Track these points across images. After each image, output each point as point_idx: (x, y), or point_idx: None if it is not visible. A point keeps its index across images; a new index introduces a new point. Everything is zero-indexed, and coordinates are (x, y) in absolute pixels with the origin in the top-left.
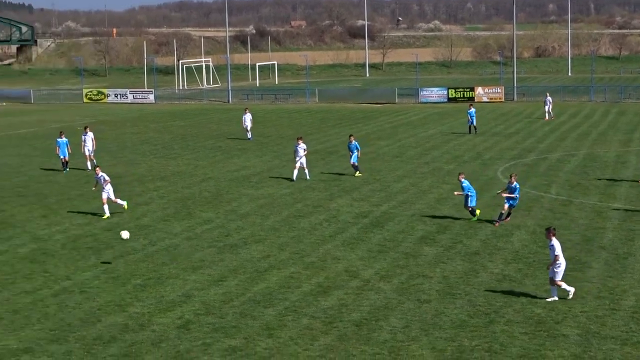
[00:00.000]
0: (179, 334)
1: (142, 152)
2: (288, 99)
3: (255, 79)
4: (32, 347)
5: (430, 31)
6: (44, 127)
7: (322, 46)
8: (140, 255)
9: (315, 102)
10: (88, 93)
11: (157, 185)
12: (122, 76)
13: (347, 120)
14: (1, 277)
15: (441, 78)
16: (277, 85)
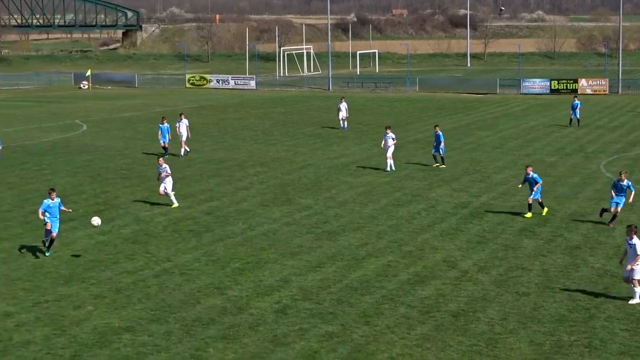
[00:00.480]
0: (277, 318)
1: (243, 137)
2: (388, 87)
3: (355, 67)
4: (133, 326)
5: (534, 21)
6: (147, 111)
7: (423, 35)
8: (239, 239)
9: (415, 91)
10: (191, 78)
11: (257, 170)
12: (224, 62)
13: (447, 110)
14: (104, 256)
15: (543, 69)
16: (378, 74)
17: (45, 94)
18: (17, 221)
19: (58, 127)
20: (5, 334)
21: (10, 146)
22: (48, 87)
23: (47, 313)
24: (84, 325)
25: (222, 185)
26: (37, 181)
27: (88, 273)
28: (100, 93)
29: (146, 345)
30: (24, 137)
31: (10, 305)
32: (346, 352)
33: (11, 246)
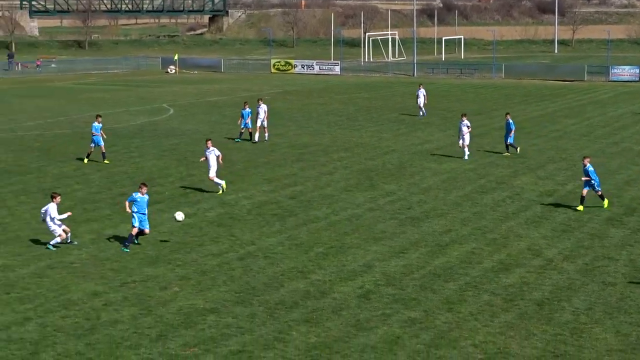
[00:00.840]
0: (359, 303)
1: (327, 122)
2: (474, 73)
3: (440, 53)
4: (218, 308)
5: (624, 7)
6: (233, 95)
7: (510, 21)
8: (323, 223)
9: (501, 78)
10: (276, 63)
11: (341, 155)
12: (309, 47)
13: (533, 97)
14: (190, 239)
15: (633, 56)
16: (463, 60)
17: (133, 78)
18: (106, 203)
19: (146, 110)
20: (94, 313)
21: None
22: (136, 71)
23: (134, 293)
24: (169, 306)
25: (306, 170)
26: (125, 164)
27: (174, 255)
28: (187, 77)
29: (230, 326)
30: (113, 120)
31: (99, 285)
32: (429, 338)
33: (99, 227)
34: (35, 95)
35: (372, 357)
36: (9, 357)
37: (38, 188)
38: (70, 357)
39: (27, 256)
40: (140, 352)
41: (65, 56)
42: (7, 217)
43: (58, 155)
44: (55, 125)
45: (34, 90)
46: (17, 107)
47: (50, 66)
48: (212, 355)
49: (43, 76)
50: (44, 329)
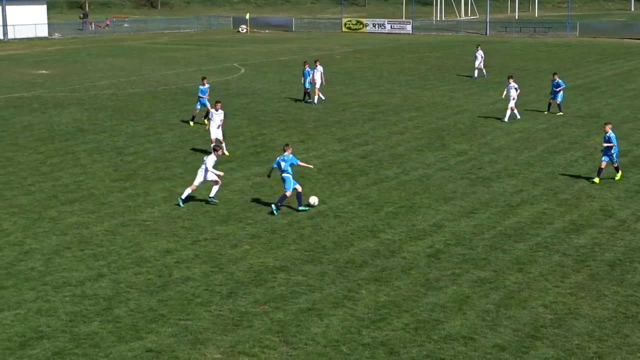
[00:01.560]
0: (429, 263)
1: (398, 82)
2: (547, 32)
3: (514, 11)
4: (287, 266)
5: None
6: (304, 54)
7: None
8: (393, 183)
9: (575, 37)
10: (347, 22)
11: (412, 115)
12: (380, 6)
13: (608, 56)
14: (261, 198)
15: None
16: (537, 18)
17: (204, 37)
18: (178, 161)
19: (217, 70)
20: (166, 270)
21: (171, 88)
22: (208, 30)
23: (206, 251)
24: (240, 264)
25: (377, 129)
26: (197, 123)
27: (245, 213)
28: (258, 37)
29: (300, 284)
30: (185, 79)
31: (171, 242)
32: (498, 298)
33: (171, 185)
34: (108, 55)
35: (442, 316)
36: (83, 312)
37: (111, 147)
38: (143, 313)
39: (101, 214)
40: (212, 308)
41: (138, 16)
42: (81, 175)
43: (131, 114)
44: (129, 85)
45: (107, 50)
46: (91, 67)
47: (123, 26)
48: (282, 312)
49: (116, 36)
50: (117, 285)
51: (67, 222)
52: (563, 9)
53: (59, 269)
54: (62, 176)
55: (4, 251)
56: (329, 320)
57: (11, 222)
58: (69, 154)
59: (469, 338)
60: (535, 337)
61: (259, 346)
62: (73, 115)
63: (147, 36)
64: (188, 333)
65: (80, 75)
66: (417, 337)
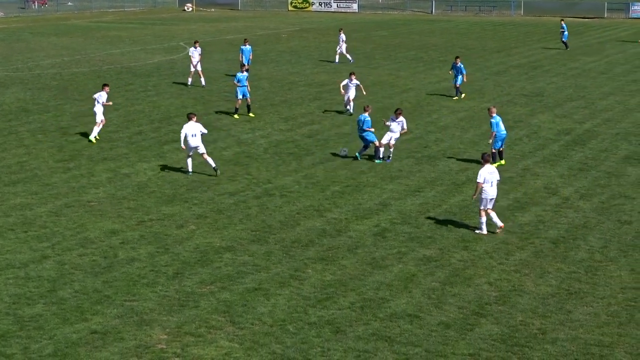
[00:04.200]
0: (375, 241)
1: (344, 61)
2: (492, 11)
3: None
4: (234, 246)
5: None
6: (250, 33)
7: None
8: (339, 162)
9: (520, 15)
10: (293, 1)
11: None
12: None
13: (552, 35)
14: (206, 178)
15: None
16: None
17: (150, 16)
18: (123, 142)
19: (162, 49)
20: (111, 251)
21: (116, 67)
22: (153, 9)
23: (151, 231)
24: (186, 244)
25: (323, 108)
26: (142, 102)
27: (191, 193)
28: (203, 15)
29: (246, 264)
30: (130, 59)
31: (116, 223)
32: (444, 276)
33: (116, 166)
34: (52, 34)
35: (387, 294)
36: (27, 294)
37: (56, 127)
38: (88, 295)
39: (45, 195)
40: (157, 289)
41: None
42: (25, 155)
43: (75, 94)
44: (73, 64)
45: (51, 29)
46: (34, 46)
47: (67, 4)
48: (229, 292)
49: (60, 14)
50: (61, 267)
51: (10, 203)
52: None
53: (1, 250)
54: (5, 157)
55: None
56: (275, 299)
57: None
58: (12, 134)
59: (415, 316)
60: (480, 314)
61: (205, 326)
62: (16, 95)
63: (91, 15)
64: (134, 314)
65: (24, 55)
66: (363, 315)
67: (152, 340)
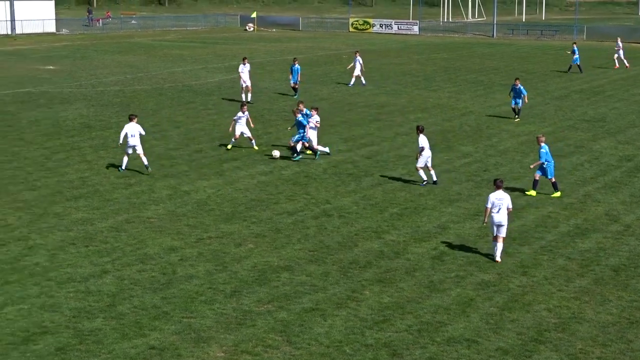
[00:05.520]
0: (433, 265)
1: (404, 83)
2: (554, 35)
3: (521, 14)
4: (291, 266)
5: None
6: (310, 54)
7: None
8: (398, 184)
9: (582, 40)
10: (354, 22)
11: (418, 116)
12: (388, 7)
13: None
14: (265, 197)
15: None
16: (544, 21)
17: (211, 35)
18: (183, 159)
19: (223, 67)
20: (170, 268)
21: (178, 86)
22: (215, 28)
23: (210, 249)
24: (244, 263)
25: (383, 130)
26: (203, 120)
27: (249, 212)
28: (264, 35)
29: (304, 284)
30: (191, 77)
31: (175, 240)
32: (502, 301)
33: (176, 183)
34: (115, 51)
35: (445, 318)
36: (87, 308)
37: (117, 143)
38: (147, 310)
39: (106, 210)
40: (215, 307)
41: (145, 12)
42: (87, 171)
43: (137, 111)
44: (135, 81)
45: (115, 46)
46: (98, 63)
47: (131, 22)
48: (285, 312)
49: (123, 32)
50: (121, 282)
51: (72, 218)
52: (570, 12)
53: (63, 264)
54: (68, 172)
55: (8, 246)
56: (332, 320)
57: (16, 217)
58: (75, 149)
59: (472, 341)
60: (538, 341)
61: (262, 345)
62: (80, 111)
63: (154, 33)
64: (191, 331)
65: (87, 72)
66: (420, 339)
67: (209, 358)
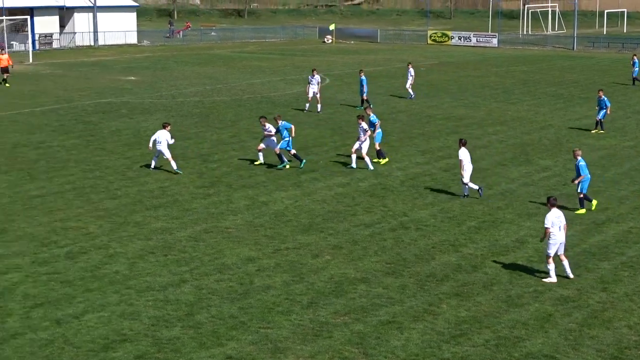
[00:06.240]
0: (511, 279)
1: (483, 95)
2: (636, 48)
3: (602, 27)
4: (368, 278)
5: None
6: (388, 66)
7: None
8: (475, 197)
9: None
10: (432, 35)
11: (496, 129)
12: (466, 19)
13: None
14: (343, 208)
15: None
16: (625, 34)
17: (290, 47)
18: (261, 170)
19: (302, 79)
20: (247, 278)
21: (256, 97)
22: (293, 40)
23: (287, 260)
24: (321, 274)
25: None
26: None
27: (327, 223)
28: (343, 47)
29: (380, 297)
30: (270, 88)
31: (253, 250)
32: (581, 317)
33: (254, 194)
34: (195, 63)
35: (523, 333)
36: (165, 317)
37: (196, 153)
38: (224, 320)
39: (185, 220)
40: (292, 318)
41: (225, 25)
42: (166, 181)
43: (216, 122)
44: (214, 92)
45: (194, 58)
46: (178, 74)
47: (211, 34)
48: (362, 324)
49: (203, 44)
50: (199, 291)
51: (151, 227)
52: None
53: (142, 273)
54: (148, 181)
55: (89, 254)
56: (409, 333)
57: (97, 226)
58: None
59: (551, 357)
60: (618, 358)
61: (339, 357)
62: (160, 122)
63: (233, 45)
64: (268, 341)
65: (168, 82)
66: (498, 354)
67: None
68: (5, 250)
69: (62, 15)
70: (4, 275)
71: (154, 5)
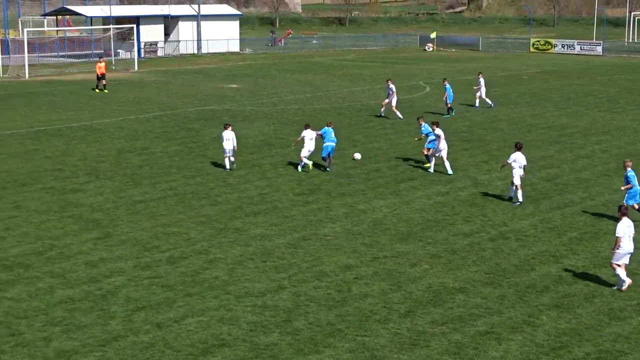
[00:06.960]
0: (613, 291)
1: (587, 104)
2: None
3: None
4: (467, 288)
5: None
6: (490, 74)
7: None
8: (577, 208)
9: None
10: (535, 42)
11: (600, 139)
12: (570, 27)
13: None
14: (441, 217)
15: None
16: None
17: (391, 55)
18: (360, 178)
19: (402, 87)
20: (345, 286)
21: (356, 105)
22: (394, 48)
23: (385, 268)
24: (419, 283)
25: (563, 152)
26: (380, 140)
27: (425, 232)
28: (444, 55)
29: (479, 307)
30: (370, 96)
31: (351, 258)
32: None
33: (353, 202)
34: (296, 70)
35: (625, 347)
36: (263, 323)
37: (296, 161)
38: (322, 327)
39: (284, 226)
40: (389, 326)
41: (326, 33)
42: (266, 187)
43: (316, 129)
44: (315, 100)
45: (295, 65)
46: (279, 82)
47: (312, 42)
48: (460, 334)
49: (304, 52)
50: (297, 298)
51: (250, 233)
52: None
53: (241, 279)
54: (248, 188)
55: (190, 259)
56: (507, 344)
57: (198, 231)
58: (255, 166)
59: None
60: None
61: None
62: (260, 129)
63: (334, 53)
64: (365, 349)
65: (269, 90)
66: None
67: None
68: (109, 254)
69: (167, 24)
70: (107, 279)
71: (257, 14)
